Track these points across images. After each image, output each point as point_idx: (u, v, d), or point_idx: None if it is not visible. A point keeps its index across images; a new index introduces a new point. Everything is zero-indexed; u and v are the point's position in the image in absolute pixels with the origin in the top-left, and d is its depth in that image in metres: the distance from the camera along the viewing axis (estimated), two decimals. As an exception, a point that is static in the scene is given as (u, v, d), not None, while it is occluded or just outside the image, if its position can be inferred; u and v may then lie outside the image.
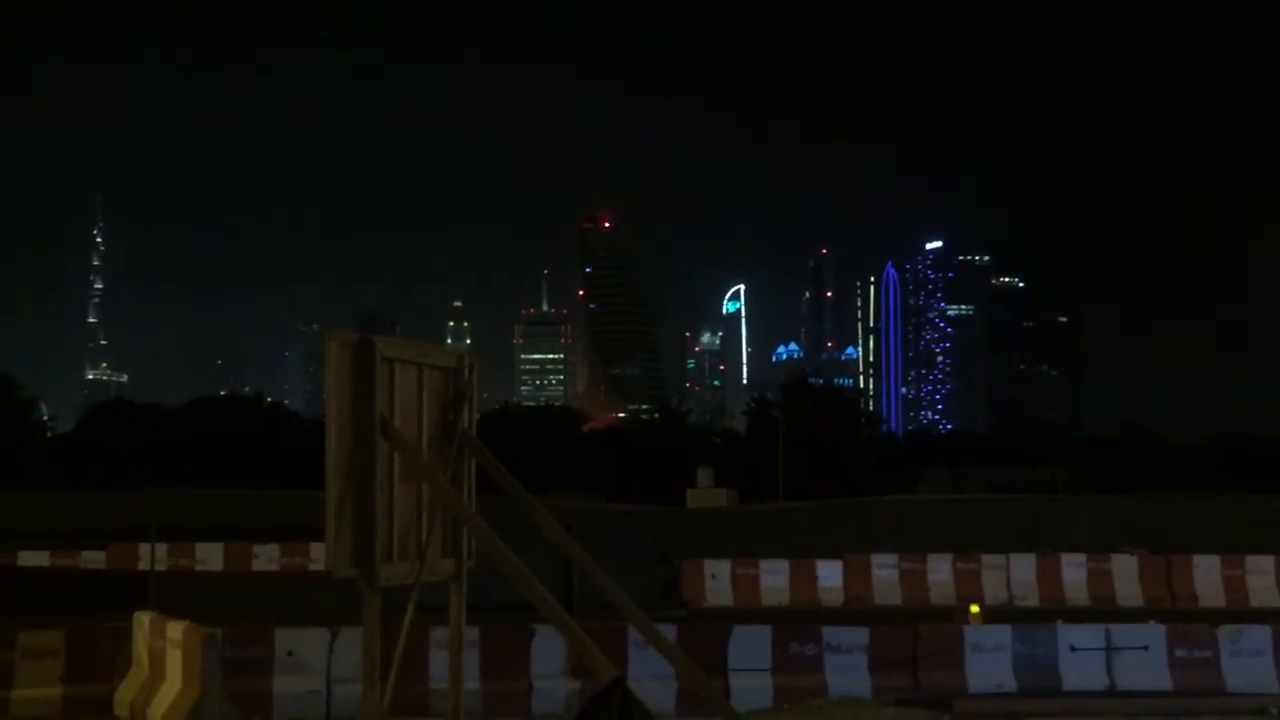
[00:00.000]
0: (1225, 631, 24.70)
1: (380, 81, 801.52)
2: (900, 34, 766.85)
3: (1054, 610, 34.41)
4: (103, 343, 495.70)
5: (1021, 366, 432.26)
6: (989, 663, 24.10)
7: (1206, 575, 39.90)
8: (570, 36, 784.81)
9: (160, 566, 41.45)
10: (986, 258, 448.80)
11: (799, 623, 27.61)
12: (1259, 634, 24.65)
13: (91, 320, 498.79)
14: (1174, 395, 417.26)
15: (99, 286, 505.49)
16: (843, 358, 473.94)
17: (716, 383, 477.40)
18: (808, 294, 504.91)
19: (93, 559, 50.36)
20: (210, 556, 50.57)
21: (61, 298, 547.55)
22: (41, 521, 57.65)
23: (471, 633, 21.65)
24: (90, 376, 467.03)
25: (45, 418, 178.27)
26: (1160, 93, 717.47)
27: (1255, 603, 37.90)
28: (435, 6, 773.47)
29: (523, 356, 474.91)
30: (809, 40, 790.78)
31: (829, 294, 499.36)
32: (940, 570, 41.13)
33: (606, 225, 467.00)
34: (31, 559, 49.69)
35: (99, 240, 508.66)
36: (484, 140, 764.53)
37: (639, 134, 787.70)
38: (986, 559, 41.16)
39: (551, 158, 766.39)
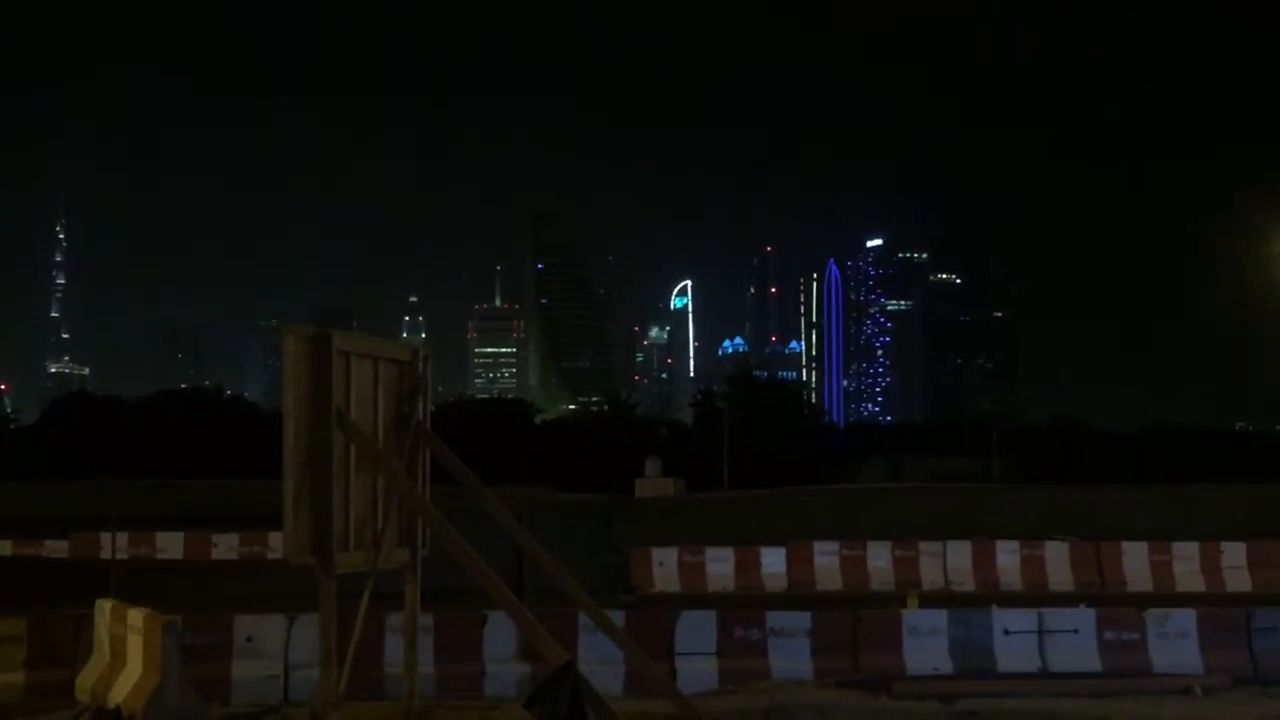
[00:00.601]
0: (1152, 615, 24.94)
1: (335, 82, 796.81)
2: (841, 38, 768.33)
3: (989, 595, 34.64)
4: (65, 336, 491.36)
5: (958, 360, 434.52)
6: (926, 646, 24.26)
7: (1134, 561, 40.24)
8: (523, 36, 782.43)
9: (121, 555, 41.17)
10: (925, 255, 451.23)
11: (743, 608, 27.71)
12: (1184, 617, 24.91)
13: (54, 315, 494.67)
14: (1103, 388, 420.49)
15: (61, 281, 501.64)
16: (786, 351, 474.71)
17: (664, 376, 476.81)
18: (752, 290, 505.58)
19: (55, 548, 49.90)
20: (170, 545, 50.16)
21: (24, 292, 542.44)
22: (4, 511, 57.00)
23: (426, 619, 21.62)
24: (53, 370, 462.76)
25: (8, 410, 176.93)
26: (1093, 96, 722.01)
27: (1181, 587, 38.24)
28: (393, 9, 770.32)
29: (476, 350, 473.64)
30: (753, 43, 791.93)
31: (773, 290, 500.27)
32: (880, 557, 41.31)
33: (560, 223, 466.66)
34: (-6, 548, 49.29)
35: (61, 236, 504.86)
36: (439, 139, 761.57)
37: (591, 134, 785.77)
38: (924, 546, 41.36)
39: (506, 157, 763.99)
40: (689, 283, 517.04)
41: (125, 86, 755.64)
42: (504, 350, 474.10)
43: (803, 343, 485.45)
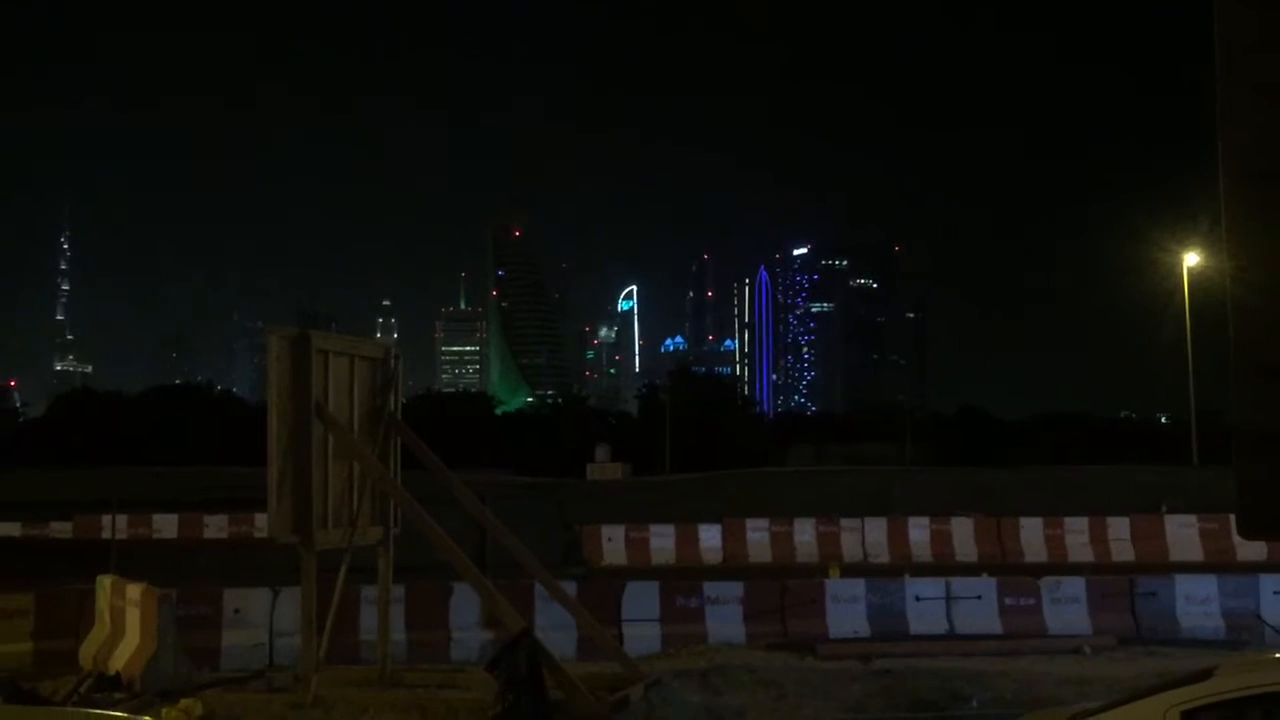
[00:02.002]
0: (1046, 582, 25.14)
1: (318, 103, 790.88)
2: (773, 63, 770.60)
3: (902, 566, 34.80)
4: (69, 338, 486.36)
5: (874, 356, 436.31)
6: (846, 611, 24.34)
7: (1031, 534, 40.46)
8: (486, 60, 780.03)
9: (120, 535, 40.83)
10: (845, 262, 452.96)
11: (683, 579, 27.67)
12: (1075, 584, 25.13)
13: (59, 318, 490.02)
14: (1004, 380, 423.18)
15: (66, 288, 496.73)
16: (722, 349, 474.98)
17: (612, 371, 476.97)
18: (691, 294, 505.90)
19: (60, 529, 49.52)
20: (165, 526, 49.83)
21: (32, 298, 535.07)
22: (14, 496, 56.42)
23: (397, 590, 21.54)
24: (58, 368, 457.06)
25: (18, 405, 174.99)
26: (999, 109, 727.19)
27: (1072, 558, 38.51)
28: (368, 33, 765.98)
29: (443, 348, 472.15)
30: (696, 65, 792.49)
31: (710, 294, 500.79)
32: (805, 532, 41.40)
33: (517, 234, 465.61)
34: (4, 529, 48.77)
35: (65, 247, 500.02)
36: (410, 154, 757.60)
37: (546, 154, 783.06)
38: (844, 522, 41.45)
39: (471, 171, 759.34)
40: (634, 287, 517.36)
41: (121, 105, 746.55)
42: (468, 349, 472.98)
43: (736, 341, 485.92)
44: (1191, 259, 64.65)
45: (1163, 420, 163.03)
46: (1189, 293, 64.38)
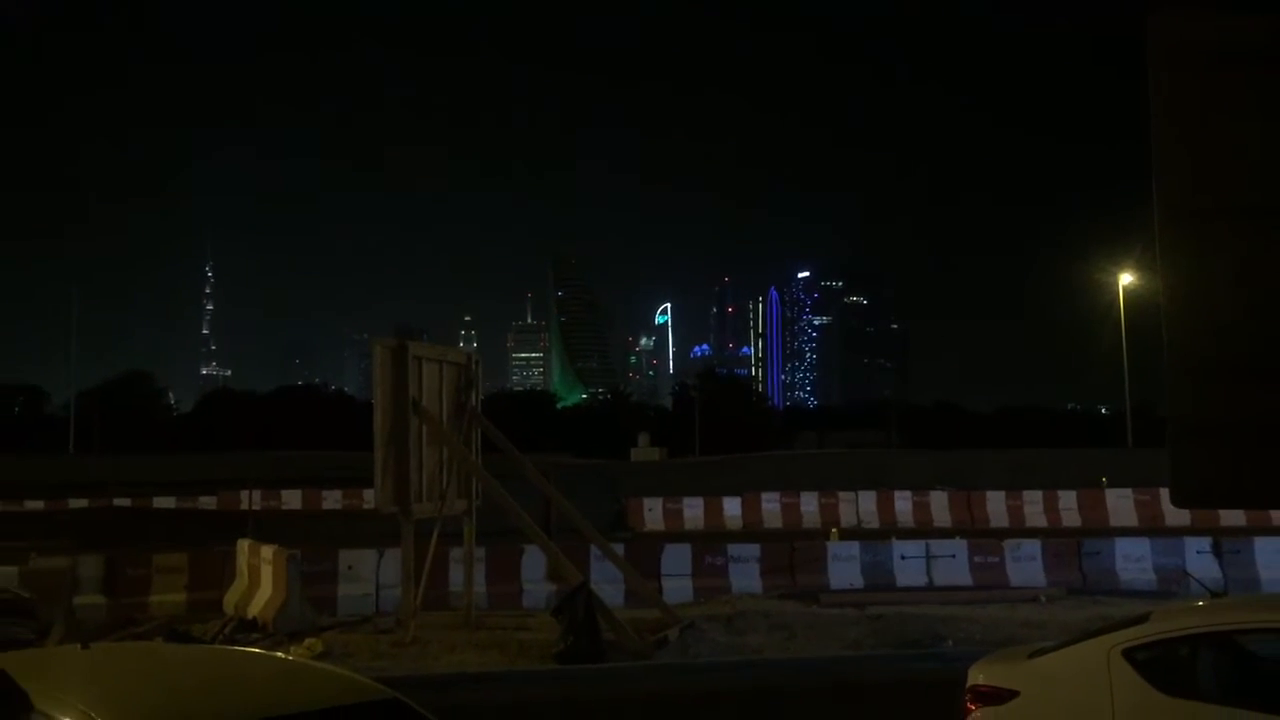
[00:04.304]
0: (1009, 544, 24.99)
1: (414, 153, 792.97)
2: (758, 105, 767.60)
3: (889, 530, 34.64)
4: (212, 348, 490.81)
5: (865, 360, 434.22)
6: (844, 568, 24.28)
7: (995, 505, 40.27)
8: (544, 112, 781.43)
9: (255, 506, 41.14)
10: (840, 282, 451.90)
11: (711, 542, 27.65)
12: (1032, 545, 24.97)
13: (205, 331, 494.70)
14: (972, 378, 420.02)
15: (210, 308, 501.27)
16: (740, 354, 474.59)
17: (651, 373, 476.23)
18: (715, 309, 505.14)
19: (207, 502, 49.88)
20: (292, 499, 50.13)
21: (183, 316, 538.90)
22: (170, 476, 56.93)
23: (479, 551, 21.64)
24: (204, 372, 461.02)
25: (172, 402, 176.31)
26: (969, 144, 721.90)
27: (1030, 524, 38.28)
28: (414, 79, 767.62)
29: (513, 355, 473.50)
30: (699, 114, 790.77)
31: (730, 309, 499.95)
32: (809, 503, 41.32)
33: (573, 262, 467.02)
34: (163, 502, 49.19)
35: (210, 275, 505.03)
36: (488, 196, 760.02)
37: (596, 195, 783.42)
38: (842, 495, 41.35)
39: (541, 211, 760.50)
40: (669, 304, 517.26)
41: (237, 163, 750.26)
42: (533, 355, 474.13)
43: (752, 348, 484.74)
44: (1127, 278, 64.12)
45: (1103, 411, 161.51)
46: (1124, 306, 63.88)
